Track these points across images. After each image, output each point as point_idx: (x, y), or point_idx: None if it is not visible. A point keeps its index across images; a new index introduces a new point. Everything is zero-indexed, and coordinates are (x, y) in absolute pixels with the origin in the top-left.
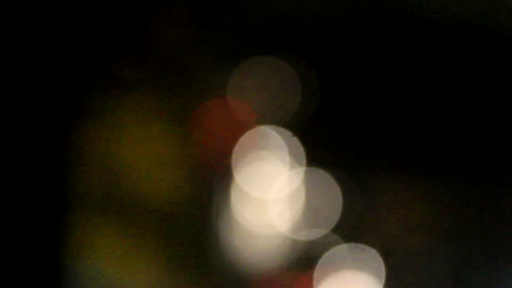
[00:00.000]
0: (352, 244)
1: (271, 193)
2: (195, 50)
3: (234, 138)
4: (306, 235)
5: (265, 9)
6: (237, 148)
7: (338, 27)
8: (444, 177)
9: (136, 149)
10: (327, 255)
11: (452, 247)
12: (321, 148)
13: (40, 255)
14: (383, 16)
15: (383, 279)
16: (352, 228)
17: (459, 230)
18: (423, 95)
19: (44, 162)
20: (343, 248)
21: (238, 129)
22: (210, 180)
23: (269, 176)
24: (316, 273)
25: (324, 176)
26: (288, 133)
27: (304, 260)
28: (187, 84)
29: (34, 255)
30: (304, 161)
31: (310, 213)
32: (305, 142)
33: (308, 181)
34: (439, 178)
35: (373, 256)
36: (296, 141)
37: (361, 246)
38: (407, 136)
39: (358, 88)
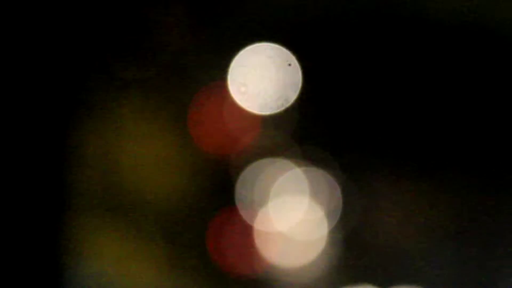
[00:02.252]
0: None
1: (271, 191)
2: (195, 50)
3: (234, 137)
4: (306, 234)
5: (264, 9)
6: (237, 147)
7: (339, 26)
8: (444, 178)
9: (136, 149)
10: None
11: (452, 247)
12: (320, 148)
13: (40, 255)
14: (383, 15)
15: None
16: (352, 228)
17: (459, 230)
18: (423, 95)
19: (44, 162)
20: None
21: (238, 128)
22: (211, 180)
23: (270, 175)
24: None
25: (324, 176)
26: (288, 131)
27: (302, 259)
28: (187, 84)
29: (34, 255)
30: (304, 161)
31: (309, 213)
32: (304, 142)
33: (308, 181)
34: (439, 178)
35: None
36: (295, 140)
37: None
38: (407, 136)
39: (358, 88)
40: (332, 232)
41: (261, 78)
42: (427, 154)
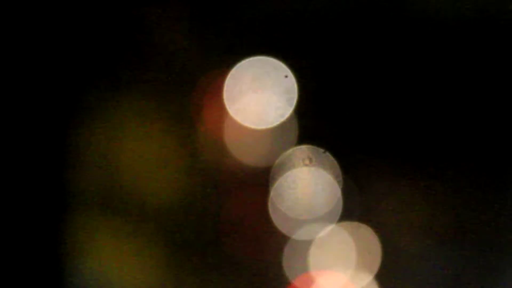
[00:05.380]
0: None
1: (271, 191)
2: (195, 50)
3: (234, 137)
4: (306, 235)
5: (265, 9)
6: (237, 146)
7: (338, 27)
8: (444, 177)
9: (136, 149)
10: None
11: (452, 247)
12: (321, 148)
13: (40, 255)
14: (383, 16)
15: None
16: (352, 228)
17: (459, 230)
18: (423, 95)
19: (44, 161)
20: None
21: (237, 128)
22: (210, 180)
23: (270, 175)
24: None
25: (324, 176)
26: (287, 133)
27: (304, 259)
28: (187, 84)
29: (35, 255)
30: (305, 161)
31: (310, 213)
32: (305, 142)
33: (308, 181)
34: (439, 178)
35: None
36: (295, 141)
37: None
38: (407, 136)
39: (358, 88)
40: (332, 232)
41: (257, 92)
42: (427, 154)
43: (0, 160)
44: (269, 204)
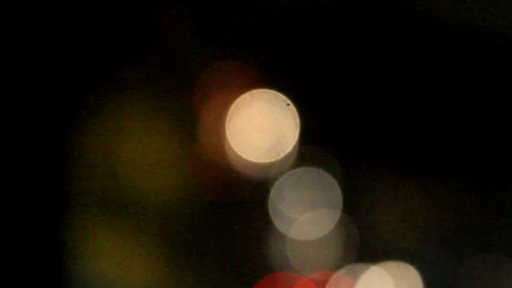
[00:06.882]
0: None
1: (271, 191)
2: (195, 50)
3: (234, 137)
4: (307, 235)
5: (265, 9)
6: (237, 146)
7: (338, 27)
8: (443, 178)
9: (136, 149)
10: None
11: (452, 247)
12: (321, 148)
13: (40, 255)
14: (383, 16)
15: None
16: (351, 228)
17: (458, 230)
18: (423, 95)
19: (44, 162)
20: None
21: (238, 128)
22: (210, 180)
23: (269, 175)
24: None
25: (324, 176)
26: (290, 132)
27: (305, 260)
28: (187, 84)
29: (35, 255)
30: (305, 162)
31: (310, 214)
32: (305, 142)
33: (308, 181)
34: (439, 179)
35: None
36: (295, 142)
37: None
38: (407, 137)
39: (358, 88)
40: (332, 232)
41: (259, 125)
42: (427, 154)
43: (0, 160)
44: (269, 204)
